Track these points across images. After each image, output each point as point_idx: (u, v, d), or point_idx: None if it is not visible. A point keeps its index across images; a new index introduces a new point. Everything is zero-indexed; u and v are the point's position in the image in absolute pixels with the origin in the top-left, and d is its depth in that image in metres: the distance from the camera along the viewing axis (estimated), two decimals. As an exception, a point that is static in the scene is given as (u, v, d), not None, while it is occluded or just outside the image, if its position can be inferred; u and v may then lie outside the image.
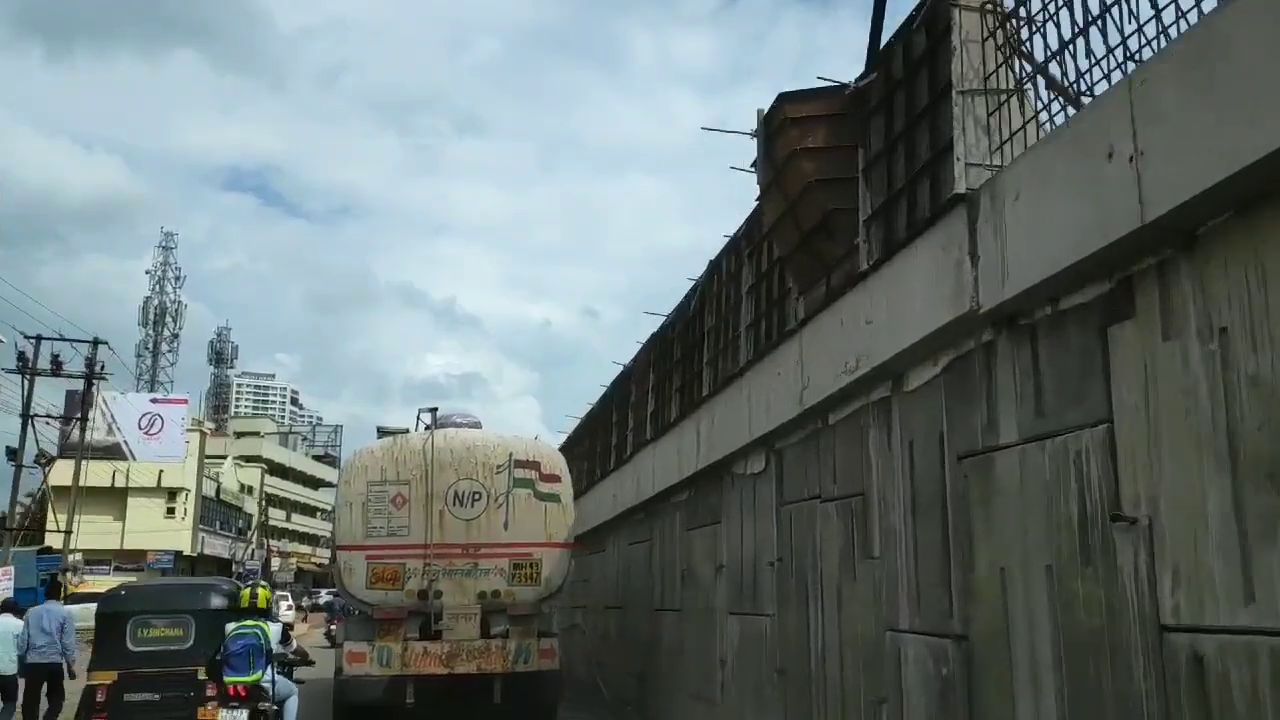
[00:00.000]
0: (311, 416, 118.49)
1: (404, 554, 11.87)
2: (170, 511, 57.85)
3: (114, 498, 53.92)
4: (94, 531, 50.06)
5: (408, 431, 12.76)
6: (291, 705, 9.79)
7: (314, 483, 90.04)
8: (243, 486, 69.59)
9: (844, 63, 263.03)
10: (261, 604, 9.70)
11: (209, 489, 62.41)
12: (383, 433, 12.83)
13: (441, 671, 11.48)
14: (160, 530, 54.71)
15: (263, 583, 11.77)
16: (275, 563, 64.48)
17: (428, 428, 12.62)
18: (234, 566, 59.38)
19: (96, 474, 49.97)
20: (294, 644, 10.13)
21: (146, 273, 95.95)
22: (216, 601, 10.56)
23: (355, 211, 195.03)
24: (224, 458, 69.38)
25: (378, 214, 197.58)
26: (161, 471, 54.34)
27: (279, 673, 9.44)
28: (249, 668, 9.10)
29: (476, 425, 13.28)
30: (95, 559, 48.81)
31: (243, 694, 9.08)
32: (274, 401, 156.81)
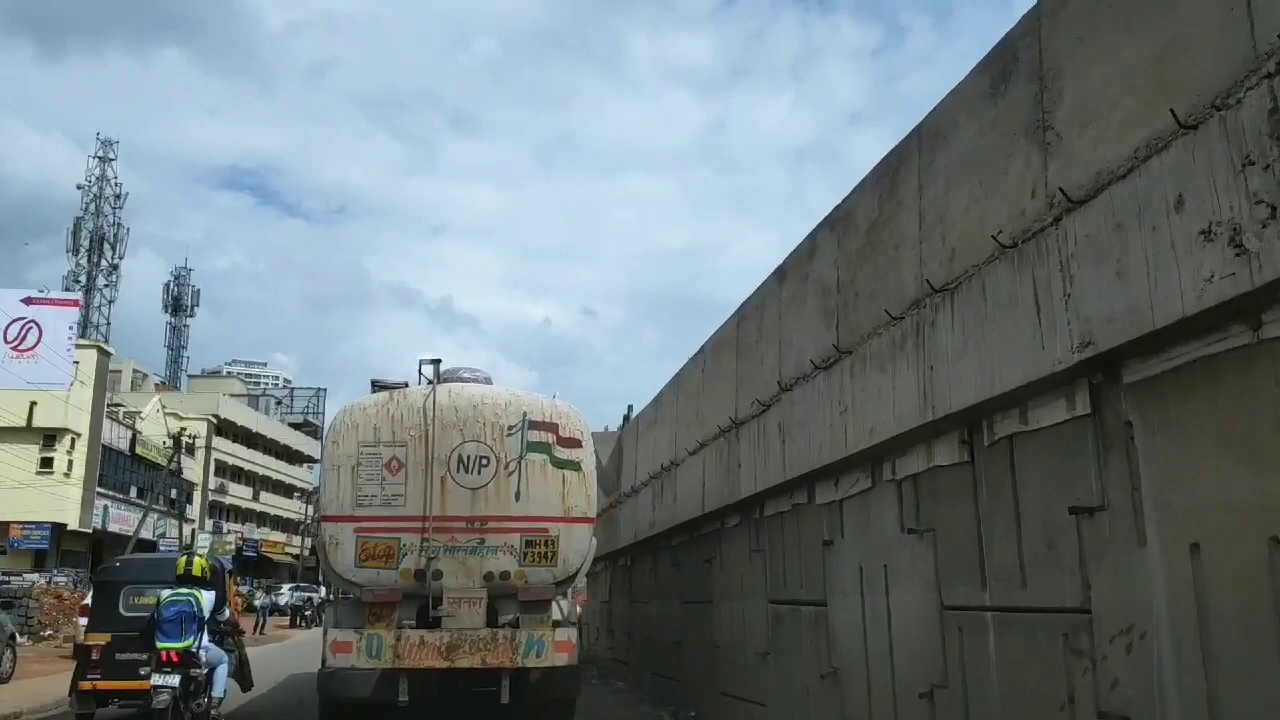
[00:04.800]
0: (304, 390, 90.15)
1: (399, 527, 10.24)
2: (47, 464, 38.73)
3: (-40, 443, 36.56)
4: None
5: (406, 386, 11.04)
6: (221, 673, 9.97)
7: (291, 455, 71.53)
8: (179, 442, 48.26)
9: (841, 62, 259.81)
10: (196, 572, 9.85)
11: (115, 437, 43.78)
12: (378, 386, 11.11)
13: (440, 665, 9.88)
14: (32, 487, 36.91)
15: (199, 551, 12.79)
16: (202, 541, 46.66)
17: (430, 382, 10.90)
18: (158, 550, 41.71)
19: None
20: (227, 613, 10.30)
21: (78, 187, 72.80)
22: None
23: (353, 211, 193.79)
24: (178, 413, 49.90)
25: (376, 213, 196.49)
26: (34, 404, 37.32)
27: (211, 640, 9.75)
28: (181, 634, 9.30)
29: (487, 381, 11.56)
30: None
31: (175, 659, 9.26)
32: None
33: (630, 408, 21.56)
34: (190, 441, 51.19)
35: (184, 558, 10.40)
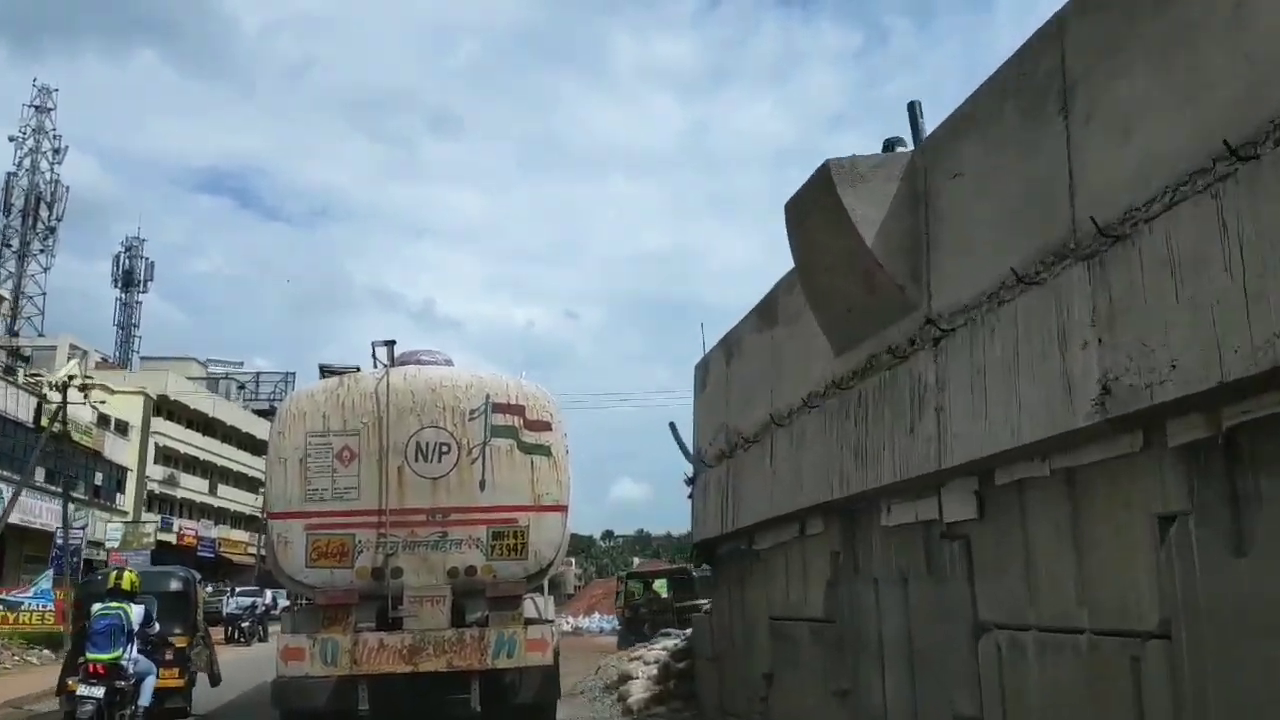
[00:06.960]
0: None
1: (353, 522, 9.48)
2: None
3: None
4: None
5: (358, 370, 10.21)
6: (149, 684, 10.06)
7: (255, 445, 58.36)
8: (104, 419, 39.94)
9: (822, 66, 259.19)
10: (125, 586, 9.79)
11: (15, 406, 35.98)
12: (327, 372, 10.29)
13: (402, 670, 9.12)
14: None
15: (129, 567, 12.44)
16: (112, 532, 40.74)
17: (384, 365, 10.07)
18: (53, 544, 32.22)
19: None
20: (156, 627, 10.25)
21: (11, 140, 60.27)
22: (174, 585, 11.77)
23: (334, 214, 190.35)
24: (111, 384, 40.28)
25: (357, 216, 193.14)
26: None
27: (139, 651, 9.81)
28: (110, 646, 9.38)
29: (447, 363, 10.75)
30: None
31: (101, 671, 9.30)
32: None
33: (916, 106, 6.74)
34: (123, 422, 45.50)
35: (114, 572, 10.65)
